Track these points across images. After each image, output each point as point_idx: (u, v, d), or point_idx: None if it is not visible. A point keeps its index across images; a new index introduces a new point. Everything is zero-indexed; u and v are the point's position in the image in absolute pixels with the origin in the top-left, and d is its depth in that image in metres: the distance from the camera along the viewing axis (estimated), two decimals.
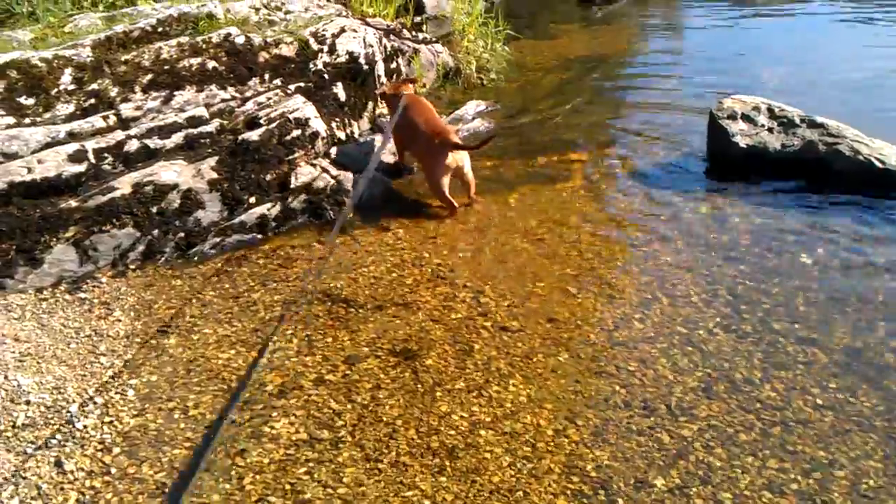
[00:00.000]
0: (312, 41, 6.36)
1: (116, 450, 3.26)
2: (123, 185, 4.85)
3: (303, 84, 6.10)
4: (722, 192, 5.60)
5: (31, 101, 4.99)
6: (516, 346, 3.90)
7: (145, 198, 4.87)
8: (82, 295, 4.45)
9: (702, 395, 3.50)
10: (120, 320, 4.22)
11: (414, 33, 8.20)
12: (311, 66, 6.25)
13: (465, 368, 3.73)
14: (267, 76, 5.95)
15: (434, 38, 8.49)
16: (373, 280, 4.58)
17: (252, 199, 5.21)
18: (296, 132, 5.60)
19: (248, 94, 5.75)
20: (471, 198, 5.57)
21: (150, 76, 5.41)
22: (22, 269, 4.45)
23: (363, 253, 4.92)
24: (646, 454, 3.17)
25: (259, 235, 5.12)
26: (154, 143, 5.11)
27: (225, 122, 5.45)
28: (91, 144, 4.90)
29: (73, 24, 5.86)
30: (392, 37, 7.52)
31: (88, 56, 5.29)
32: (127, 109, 5.19)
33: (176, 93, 5.44)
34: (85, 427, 3.38)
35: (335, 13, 7.13)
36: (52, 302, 4.37)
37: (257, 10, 6.64)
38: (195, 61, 5.63)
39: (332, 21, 6.77)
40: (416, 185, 5.96)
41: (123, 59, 5.41)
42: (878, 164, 5.31)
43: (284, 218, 5.25)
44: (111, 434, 3.35)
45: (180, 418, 3.45)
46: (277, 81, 5.99)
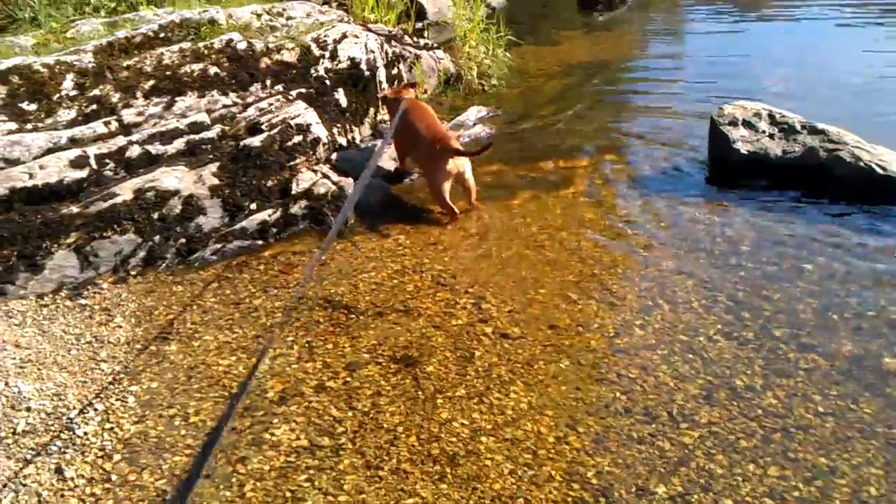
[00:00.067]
0: (314, 47, 6.37)
1: (117, 456, 3.26)
2: (125, 191, 4.85)
3: (304, 90, 6.11)
4: (723, 198, 5.60)
5: (33, 107, 5.00)
6: (517, 353, 3.90)
7: (147, 204, 4.87)
8: (83, 301, 4.45)
9: (703, 402, 3.49)
10: (121, 326, 4.23)
11: (415, 39, 8.21)
12: (312, 71, 6.26)
13: (465, 375, 3.73)
14: (268, 82, 5.96)
15: (435, 44, 8.51)
16: (374, 286, 4.58)
17: (253, 205, 5.22)
18: (297, 138, 5.60)
19: (250, 99, 5.76)
20: (472, 204, 5.57)
21: (151, 82, 5.42)
22: (23, 275, 4.45)
23: (364, 259, 4.92)
24: (647, 461, 3.17)
25: (260, 241, 5.13)
26: (156, 148, 5.11)
27: (226, 127, 5.45)
28: (93, 150, 4.91)
29: (75, 29, 5.87)
30: (393, 42, 7.53)
31: (90, 62, 5.30)
32: (128, 115, 5.20)
33: (177, 98, 5.44)
34: (85, 434, 3.38)
35: (337, 19, 7.15)
36: (53, 308, 4.37)
37: (259, 16, 6.65)
38: (197, 67, 5.63)
39: (333, 27, 6.78)
40: (417, 190, 5.97)
41: (125, 64, 5.41)
42: (879, 171, 5.31)
43: (285, 224, 5.25)
44: (112, 441, 3.35)
45: (181, 425, 3.45)
46: (279, 87, 5.99)
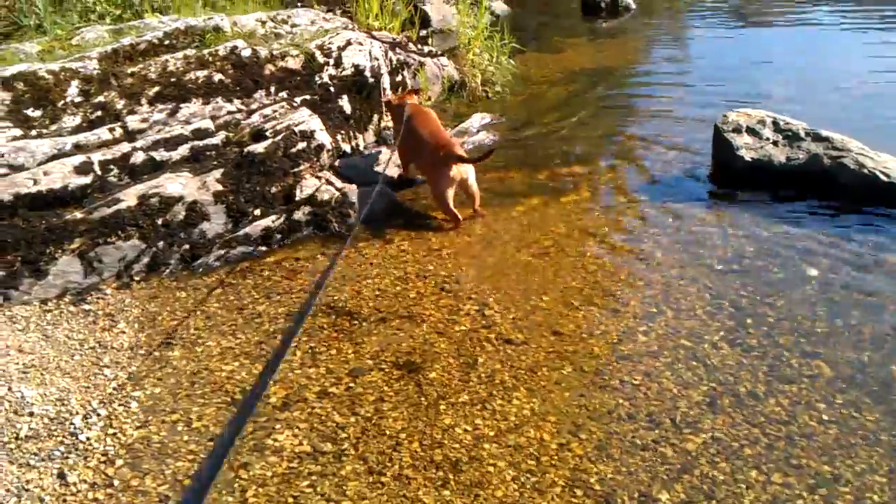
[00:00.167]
0: (318, 54, 6.40)
1: (119, 462, 3.26)
2: (129, 197, 4.86)
3: (308, 97, 6.13)
4: (727, 205, 5.60)
5: (38, 114, 5.02)
6: (520, 359, 3.89)
7: (151, 210, 4.88)
8: (87, 307, 4.46)
9: (706, 409, 3.48)
10: (124, 332, 4.23)
11: (419, 46, 8.24)
12: (316, 78, 6.28)
13: (468, 381, 3.72)
14: (273, 89, 5.98)
15: (439, 52, 8.53)
16: (377, 292, 4.58)
17: (257, 212, 5.22)
18: (301, 144, 5.61)
19: (254, 106, 5.78)
20: (475, 210, 5.57)
21: (156, 88, 5.44)
22: (27, 281, 4.46)
23: (367, 265, 4.93)
24: (650, 468, 3.16)
25: (264, 248, 5.13)
26: (160, 155, 5.13)
27: (231, 134, 5.46)
28: (97, 156, 4.92)
29: (80, 36, 5.89)
30: (398, 50, 7.55)
31: (95, 68, 5.32)
32: (133, 122, 5.21)
33: (182, 105, 5.46)
34: (88, 439, 3.38)
35: (341, 26, 7.17)
36: (57, 313, 4.38)
37: (263, 24, 6.68)
38: (201, 74, 5.65)
39: (337, 34, 6.80)
40: (421, 197, 5.97)
41: (130, 71, 5.43)
42: (883, 178, 5.30)
43: (289, 230, 5.25)
44: (114, 446, 3.35)
45: (184, 430, 3.45)
46: (283, 94, 6.01)
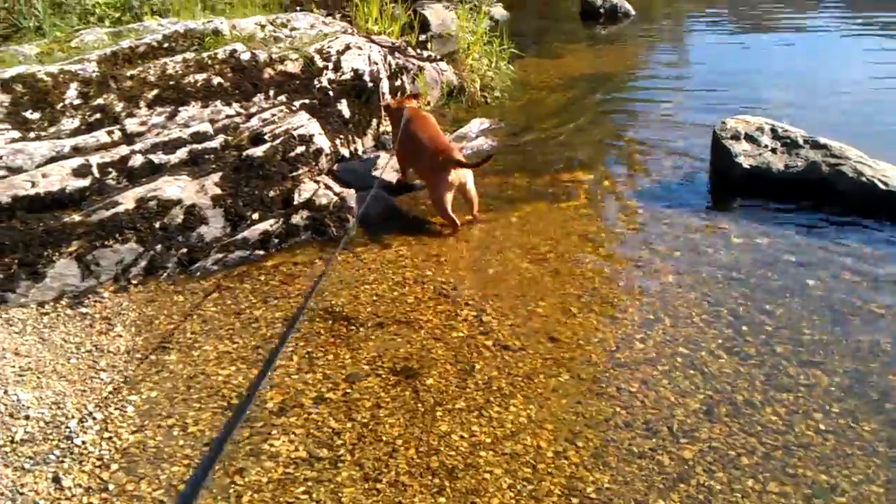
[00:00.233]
0: (317, 58, 6.40)
1: (115, 466, 3.25)
2: (127, 200, 4.86)
3: (307, 101, 6.13)
4: (725, 212, 5.60)
5: (37, 116, 5.01)
6: (518, 366, 3.88)
7: (149, 213, 4.88)
8: (84, 310, 4.45)
9: (703, 418, 3.48)
10: (121, 336, 4.22)
11: (419, 51, 8.24)
12: (315, 82, 6.28)
13: (465, 388, 3.72)
14: (272, 92, 5.98)
15: (439, 56, 8.54)
16: (374, 297, 4.57)
17: (255, 216, 5.22)
18: (300, 149, 5.61)
19: (253, 110, 5.78)
20: (473, 215, 5.57)
21: (155, 91, 5.43)
22: (24, 283, 4.45)
23: (365, 270, 4.92)
24: (646, 477, 3.15)
25: (261, 252, 5.12)
26: (158, 158, 5.13)
27: (229, 138, 5.46)
28: (95, 159, 4.92)
29: (80, 38, 5.89)
30: (397, 54, 7.55)
31: (94, 71, 5.32)
32: (132, 124, 5.21)
33: (181, 108, 5.46)
34: (84, 443, 3.37)
35: (340, 30, 7.18)
36: (54, 316, 4.37)
37: (263, 27, 6.68)
38: (200, 77, 5.65)
39: (337, 38, 6.81)
40: (419, 202, 5.97)
41: (129, 74, 5.43)
42: (882, 186, 5.30)
43: (287, 234, 5.25)
44: (110, 450, 3.34)
45: (179, 435, 3.44)
46: (282, 98, 6.01)
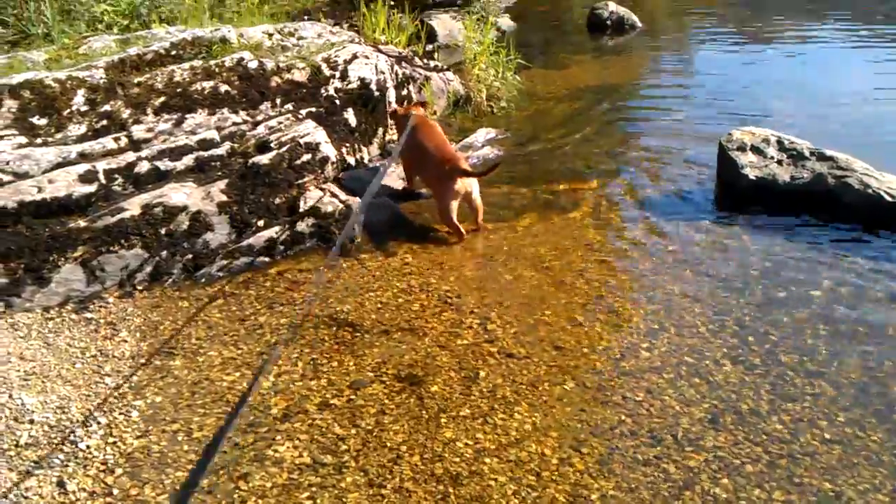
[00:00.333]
0: (324, 67, 6.42)
1: (119, 471, 3.25)
2: (133, 206, 4.87)
3: (314, 109, 6.14)
4: (731, 223, 5.59)
5: (44, 122, 5.03)
6: (522, 374, 3.88)
7: (154, 219, 4.89)
8: (89, 315, 4.45)
9: (708, 426, 3.47)
10: (126, 341, 4.22)
11: (425, 61, 8.26)
12: (322, 91, 6.30)
13: (470, 395, 3.71)
14: (278, 101, 6.00)
15: (445, 66, 8.56)
16: (379, 305, 4.57)
17: (260, 223, 5.23)
18: (306, 156, 5.63)
19: (260, 118, 5.79)
20: (479, 224, 5.57)
21: (162, 99, 5.46)
22: (29, 288, 4.46)
23: (370, 277, 4.92)
24: (651, 485, 3.14)
25: (266, 259, 5.12)
26: (165, 165, 5.14)
27: (236, 145, 5.48)
28: (102, 165, 4.93)
29: (88, 45, 5.93)
30: (404, 64, 7.58)
31: (101, 78, 5.34)
32: (138, 131, 5.23)
33: (188, 116, 5.48)
34: (88, 447, 3.37)
35: (348, 39, 7.20)
36: (59, 321, 4.37)
37: (270, 36, 6.71)
38: (207, 85, 5.68)
39: (344, 47, 6.83)
40: (424, 210, 5.97)
41: (136, 81, 5.46)
42: (888, 198, 5.29)
43: (292, 242, 5.25)
44: (114, 455, 3.34)
45: (184, 440, 3.44)
46: (289, 106, 6.03)
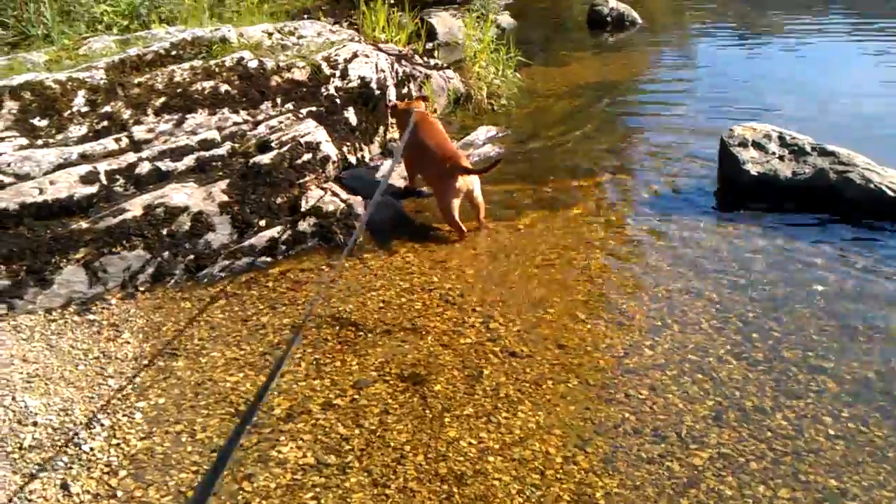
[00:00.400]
0: (325, 66, 6.41)
1: (123, 473, 3.24)
2: (134, 207, 4.87)
3: (314, 108, 6.14)
4: (732, 219, 5.58)
5: (44, 123, 5.03)
6: (525, 372, 3.87)
7: (156, 220, 4.88)
8: (91, 316, 4.45)
9: (712, 424, 3.46)
10: (128, 342, 4.22)
11: (425, 59, 8.25)
12: (322, 90, 6.29)
13: (473, 394, 3.71)
14: (279, 100, 5.99)
15: (445, 64, 8.55)
16: (382, 304, 4.57)
17: (262, 223, 5.22)
18: (307, 156, 5.62)
19: (260, 117, 5.79)
20: (481, 222, 5.57)
21: (162, 99, 5.46)
22: (31, 290, 4.46)
23: (372, 277, 4.92)
24: (656, 482, 3.14)
25: (268, 258, 5.12)
26: (166, 165, 5.14)
27: (236, 145, 5.47)
28: (103, 166, 4.93)
29: (88, 46, 5.93)
30: (404, 62, 7.57)
31: (102, 78, 5.34)
32: (139, 132, 5.23)
33: (188, 116, 5.48)
34: (92, 449, 3.37)
35: (348, 38, 7.20)
36: (61, 323, 4.37)
37: (270, 35, 6.70)
38: (208, 85, 5.67)
39: (344, 46, 6.82)
40: (426, 209, 5.97)
41: (137, 81, 5.46)
42: (890, 193, 5.29)
43: (294, 241, 5.24)
44: (118, 457, 3.33)
45: (187, 441, 3.44)
46: (289, 105, 6.02)
